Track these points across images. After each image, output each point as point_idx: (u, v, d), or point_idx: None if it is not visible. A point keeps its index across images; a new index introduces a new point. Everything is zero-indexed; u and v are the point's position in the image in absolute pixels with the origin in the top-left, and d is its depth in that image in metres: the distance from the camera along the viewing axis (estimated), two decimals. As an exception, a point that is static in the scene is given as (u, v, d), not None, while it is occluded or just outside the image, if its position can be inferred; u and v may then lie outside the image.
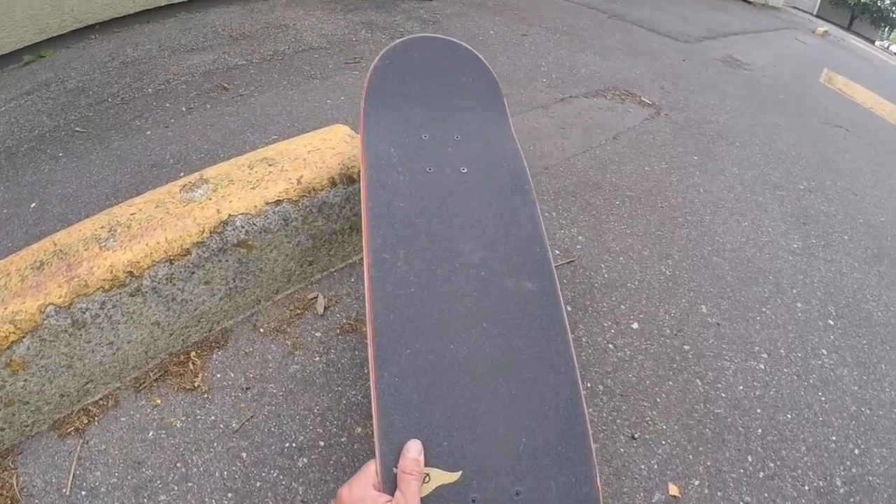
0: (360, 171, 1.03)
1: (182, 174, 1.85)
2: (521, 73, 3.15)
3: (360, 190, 1.12)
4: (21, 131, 2.26)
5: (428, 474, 0.72)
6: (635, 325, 1.51)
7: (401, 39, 1.16)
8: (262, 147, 1.40)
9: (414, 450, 0.72)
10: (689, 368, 1.41)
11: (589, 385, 1.32)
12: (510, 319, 0.85)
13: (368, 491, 0.67)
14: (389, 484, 0.69)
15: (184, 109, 2.34)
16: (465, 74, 1.18)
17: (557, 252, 1.72)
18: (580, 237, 1.81)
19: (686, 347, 1.48)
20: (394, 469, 0.70)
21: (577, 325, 1.46)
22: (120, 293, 1.14)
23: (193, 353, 1.28)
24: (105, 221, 1.22)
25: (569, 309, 1.50)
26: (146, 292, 1.16)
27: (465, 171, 1.03)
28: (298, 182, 1.24)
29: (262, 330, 1.31)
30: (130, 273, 1.13)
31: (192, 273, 1.18)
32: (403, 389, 0.77)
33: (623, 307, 1.55)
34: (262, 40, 3.18)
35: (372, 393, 0.76)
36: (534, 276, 0.89)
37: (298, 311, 1.35)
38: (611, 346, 1.42)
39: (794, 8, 7.76)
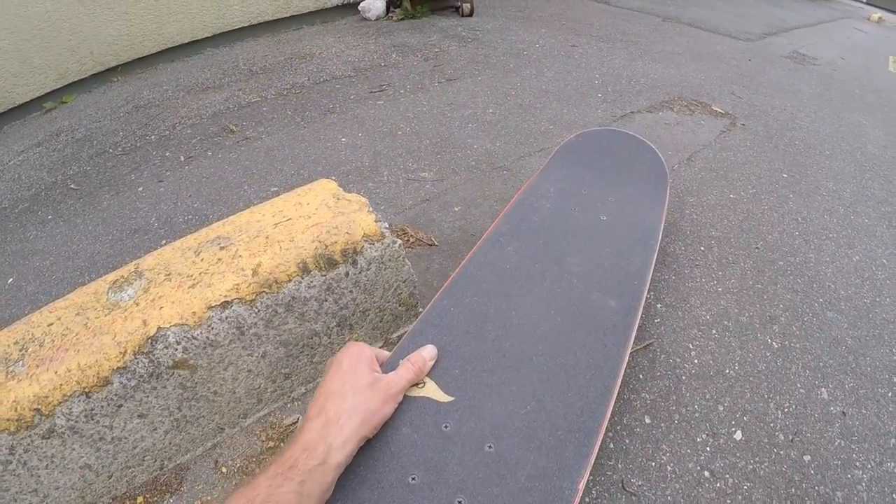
0: (378, 238, 1.05)
1: (164, 242, 1.58)
2: (571, 89, 2.74)
3: (347, 274, 1.04)
4: (20, 189, 2.11)
5: (425, 382, 0.74)
6: (739, 436, 1.08)
7: (593, 129, 1.51)
8: (257, 203, 1.09)
9: (430, 350, 0.77)
10: (812, 491, 1.00)
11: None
12: (577, 318, 0.90)
13: (365, 350, 0.69)
14: (389, 368, 0.72)
15: (182, 159, 2.10)
16: (639, 162, 1.42)
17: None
18: (658, 305, 1.37)
19: (806, 458, 1.05)
20: (401, 360, 0.73)
21: (659, 445, 1.04)
22: (30, 435, 0.86)
23: (141, 499, 0.97)
24: (20, 334, 0.94)
25: (647, 420, 1.09)
26: (63, 433, 0.87)
27: (605, 219, 1.19)
28: (254, 273, 0.90)
29: (224, 469, 0.97)
30: (38, 411, 0.85)
31: (119, 406, 0.88)
32: (452, 317, 0.86)
33: (721, 408, 1.13)
34: (282, 73, 2.95)
35: (425, 309, 0.87)
36: (620, 299, 0.95)
37: (272, 443, 0.99)
38: (706, 473, 1.00)
39: (842, -5, 7.42)
